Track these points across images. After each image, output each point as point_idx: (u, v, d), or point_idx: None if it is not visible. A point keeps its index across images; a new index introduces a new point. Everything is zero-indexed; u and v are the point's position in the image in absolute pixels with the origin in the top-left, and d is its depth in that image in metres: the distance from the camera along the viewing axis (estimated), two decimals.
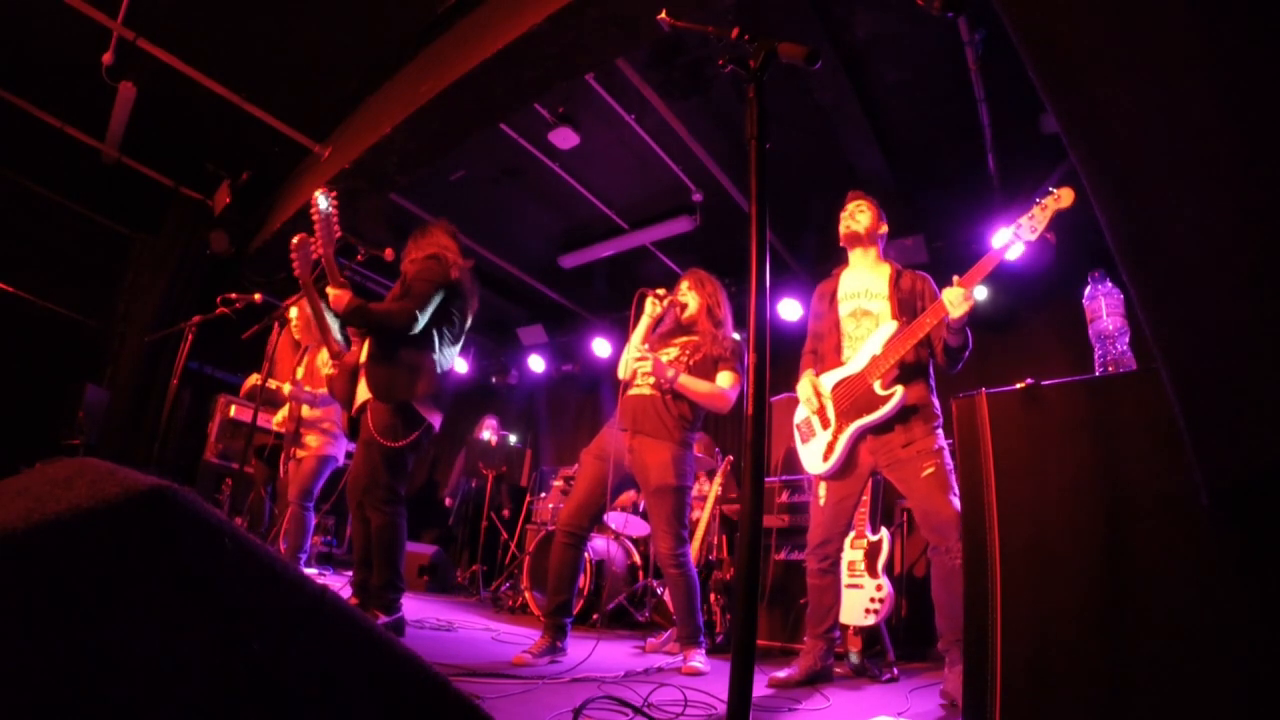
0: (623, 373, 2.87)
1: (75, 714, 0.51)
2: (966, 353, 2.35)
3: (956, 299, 2.18)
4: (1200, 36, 0.90)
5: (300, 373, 3.91)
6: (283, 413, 4.02)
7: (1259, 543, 1.17)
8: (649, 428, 2.75)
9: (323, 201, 2.62)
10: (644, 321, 2.88)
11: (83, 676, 0.52)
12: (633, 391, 2.85)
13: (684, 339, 2.96)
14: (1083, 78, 1.02)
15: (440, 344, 2.79)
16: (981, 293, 2.23)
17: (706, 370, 2.84)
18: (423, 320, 2.65)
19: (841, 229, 2.69)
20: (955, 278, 2.21)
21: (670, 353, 2.91)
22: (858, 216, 2.66)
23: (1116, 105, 1.01)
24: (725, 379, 2.83)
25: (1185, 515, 1.24)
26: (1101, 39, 0.98)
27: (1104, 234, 1.05)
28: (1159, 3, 0.91)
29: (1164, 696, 1.22)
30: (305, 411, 3.81)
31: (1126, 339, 1.71)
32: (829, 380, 2.55)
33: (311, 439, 3.82)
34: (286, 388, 3.83)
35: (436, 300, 2.71)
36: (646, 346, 2.85)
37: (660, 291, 2.90)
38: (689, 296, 2.97)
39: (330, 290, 2.59)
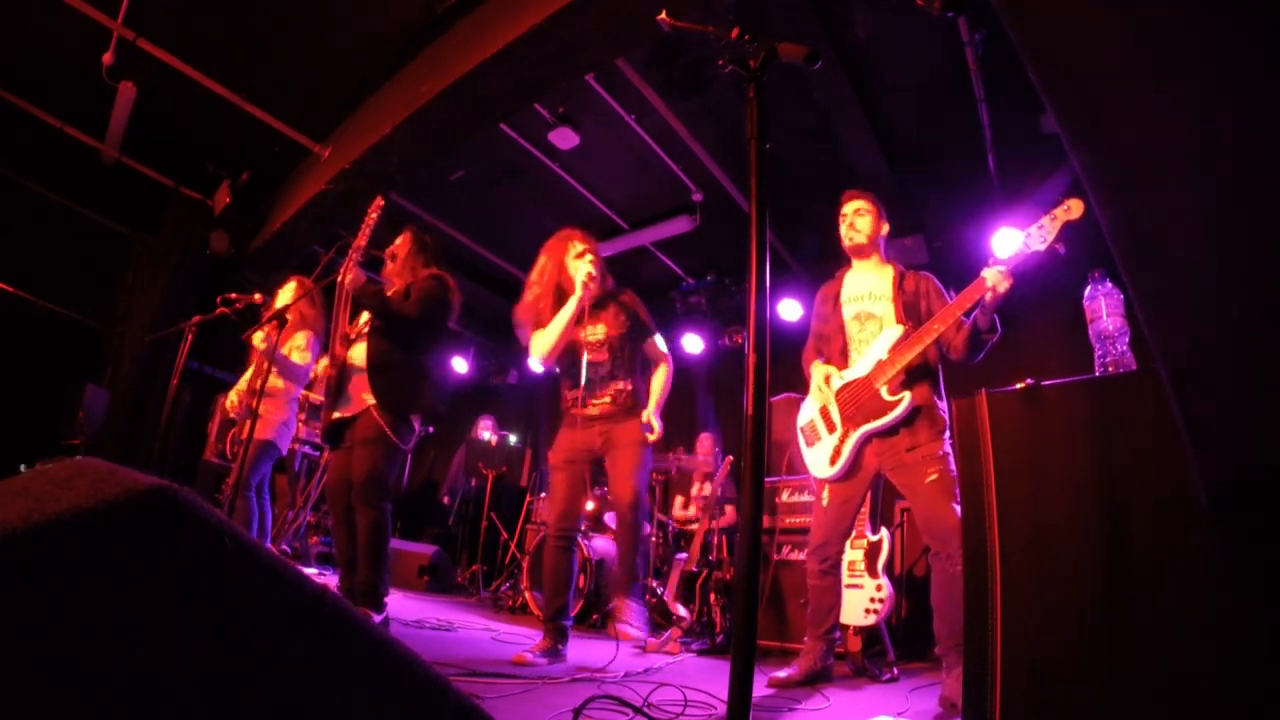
0: (541, 353, 2.74)
1: (75, 714, 0.51)
2: (995, 337, 2.29)
3: (998, 275, 2.14)
4: (1201, 35, 0.90)
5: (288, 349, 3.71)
6: (243, 381, 3.84)
7: (1259, 543, 1.17)
8: (617, 417, 2.72)
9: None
10: (570, 307, 2.70)
11: (82, 676, 0.52)
12: (593, 413, 2.73)
13: (606, 311, 2.79)
14: (1083, 78, 1.02)
15: (437, 354, 2.94)
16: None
17: (639, 335, 2.81)
18: (419, 331, 2.76)
19: (844, 240, 2.65)
20: (991, 261, 2.18)
21: (599, 330, 2.75)
22: (858, 224, 2.61)
23: (1116, 105, 1.01)
24: (661, 343, 2.81)
25: (1185, 515, 1.24)
26: (1101, 39, 0.98)
27: (1104, 234, 1.05)
28: (1159, 2, 0.91)
29: (1164, 697, 1.22)
30: (273, 381, 3.56)
31: (1126, 339, 1.71)
32: (834, 384, 2.55)
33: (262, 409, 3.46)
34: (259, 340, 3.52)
35: (435, 318, 2.82)
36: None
37: (590, 270, 2.71)
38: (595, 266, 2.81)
39: (350, 272, 2.68)
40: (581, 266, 2.76)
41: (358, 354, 2.76)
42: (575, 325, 2.74)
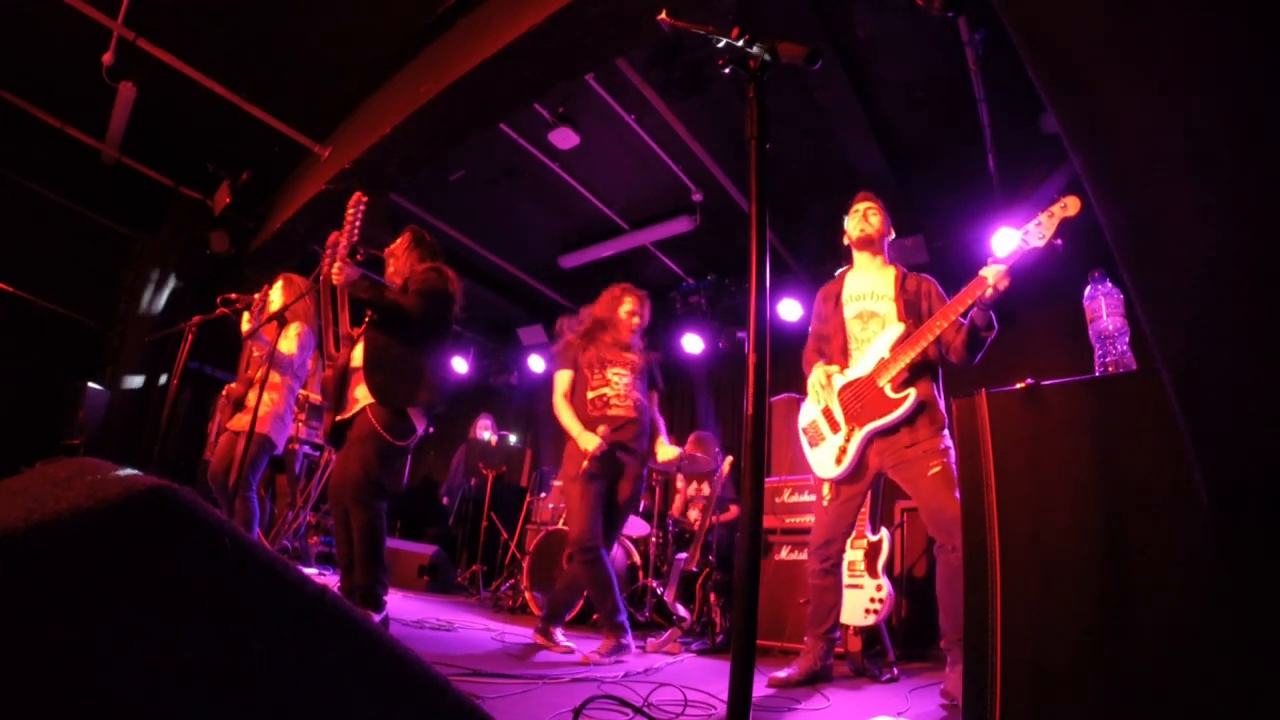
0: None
1: (75, 714, 0.51)
2: (993, 335, 2.31)
3: (998, 273, 2.14)
4: (1202, 35, 0.90)
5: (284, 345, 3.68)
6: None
7: (1259, 543, 1.17)
8: (638, 448, 3.03)
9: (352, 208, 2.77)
10: (575, 430, 2.99)
11: (82, 676, 0.52)
12: (615, 412, 3.02)
13: (631, 356, 3.14)
14: (1083, 77, 1.02)
15: (438, 351, 2.84)
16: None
17: (644, 386, 3.15)
18: (419, 324, 2.68)
19: (855, 231, 2.66)
20: (990, 260, 2.19)
21: (624, 377, 3.07)
22: (871, 219, 2.65)
23: (1117, 105, 1.00)
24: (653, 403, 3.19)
25: (1185, 515, 1.24)
26: (1102, 38, 0.97)
27: (1104, 234, 1.05)
28: (1160, 1, 0.91)
29: (1164, 696, 1.22)
30: (274, 378, 3.55)
31: (1126, 339, 1.71)
32: (836, 383, 2.55)
33: (261, 404, 3.35)
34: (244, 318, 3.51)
35: (436, 311, 2.76)
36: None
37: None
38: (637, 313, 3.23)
39: (343, 267, 2.56)
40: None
41: (358, 355, 2.73)
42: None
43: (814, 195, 4.68)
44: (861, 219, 2.66)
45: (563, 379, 3.13)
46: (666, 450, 3.07)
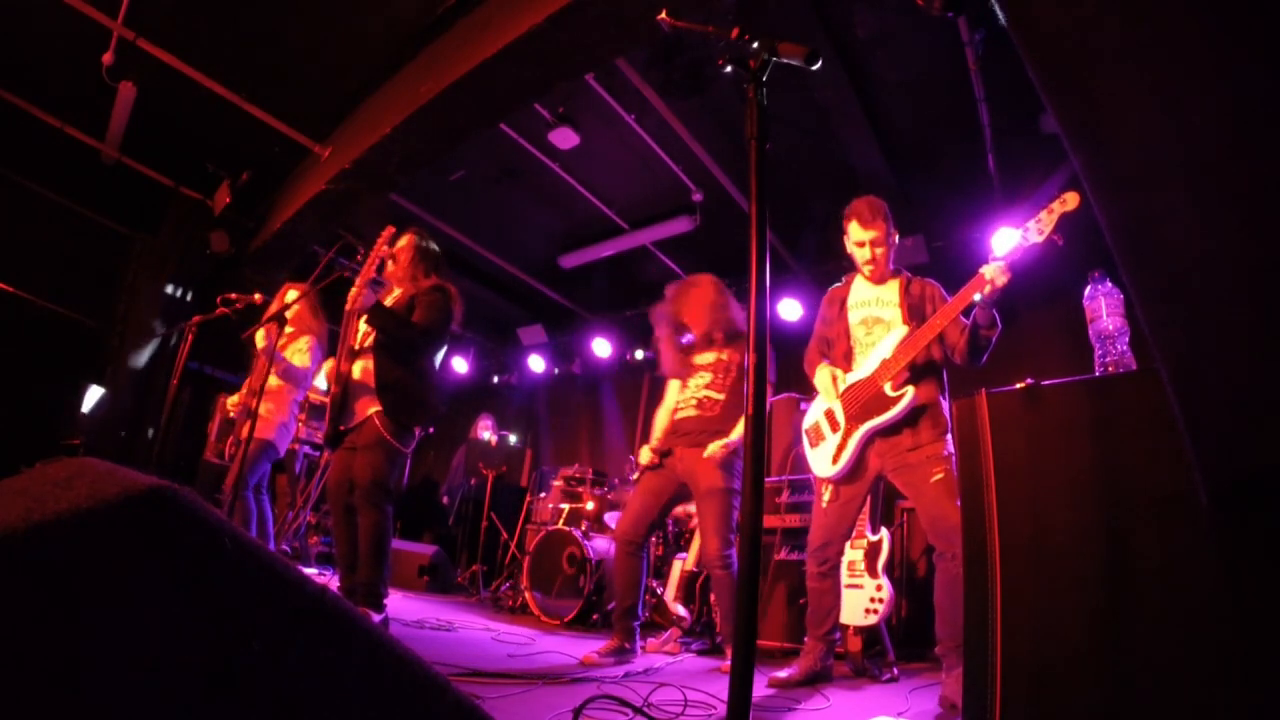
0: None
1: (75, 714, 0.51)
2: (996, 333, 2.27)
3: (997, 269, 2.14)
4: (1202, 35, 0.90)
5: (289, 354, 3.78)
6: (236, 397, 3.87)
7: (1259, 543, 1.17)
8: (696, 439, 2.92)
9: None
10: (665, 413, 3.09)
11: (82, 676, 0.52)
12: (680, 415, 3.02)
13: (715, 353, 3.06)
14: (1083, 77, 1.02)
15: (437, 362, 2.96)
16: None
17: (738, 384, 3.00)
18: (423, 351, 2.82)
19: (862, 264, 2.58)
20: (990, 258, 2.18)
21: (704, 377, 3.02)
22: (877, 254, 2.54)
23: (1117, 104, 1.00)
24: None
25: (1185, 515, 1.24)
26: (1102, 38, 0.97)
27: (1104, 234, 1.05)
28: (1161, 1, 0.91)
29: (1164, 697, 1.21)
30: (273, 382, 3.62)
31: (1126, 339, 1.71)
32: (840, 385, 2.55)
33: (267, 411, 3.62)
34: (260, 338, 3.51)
35: (439, 335, 2.87)
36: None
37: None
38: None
39: (360, 293, 2.69)
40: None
41: (360, 368, 2.78)
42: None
43: (814, 195, 4.68)
44: (869, 256, 2.55)
45: (670, 391, 3.18)
46: (719, 442, 2.81)
